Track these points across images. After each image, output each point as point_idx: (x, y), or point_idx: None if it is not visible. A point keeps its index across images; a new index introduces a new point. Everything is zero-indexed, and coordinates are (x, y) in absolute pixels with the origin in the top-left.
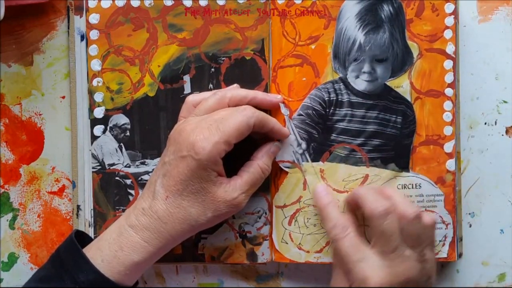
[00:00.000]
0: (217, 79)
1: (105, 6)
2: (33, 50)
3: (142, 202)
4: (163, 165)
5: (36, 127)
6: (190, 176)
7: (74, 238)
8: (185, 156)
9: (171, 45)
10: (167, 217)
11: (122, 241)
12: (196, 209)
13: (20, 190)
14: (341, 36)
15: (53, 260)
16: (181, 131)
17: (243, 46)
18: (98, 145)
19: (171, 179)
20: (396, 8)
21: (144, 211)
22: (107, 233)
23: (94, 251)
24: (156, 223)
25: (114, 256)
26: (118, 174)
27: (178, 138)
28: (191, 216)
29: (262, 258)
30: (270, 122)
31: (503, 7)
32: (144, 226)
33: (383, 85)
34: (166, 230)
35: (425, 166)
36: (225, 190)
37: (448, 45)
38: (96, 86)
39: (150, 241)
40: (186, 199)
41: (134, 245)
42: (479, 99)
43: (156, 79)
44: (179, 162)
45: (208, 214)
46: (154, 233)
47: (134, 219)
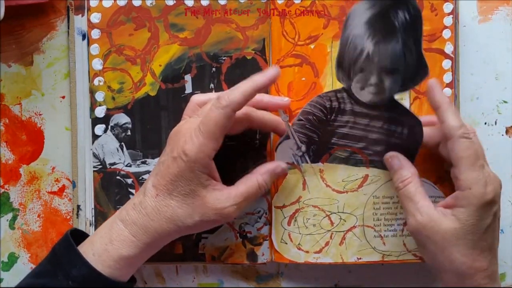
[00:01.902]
0: (218, 79)
1: (107, 5)
2: (33, 50)
3: (135, 198)
4: (159, 163)
5: (36, 127)
6: (179, 177)
7: (69, 235)
8: (176, 157)
9: (172, 44)
10: (155, 214)
11: (112, 235)
12: (184, 210)
13: (20, 190)
14: (347, 45)
15: (49, 257)
16: (177, 132)
17: (244, 45)
18: (99, 144)
19: (162, 178)
20: (413, 15)
21: (135, 206)
22: (101, 228)
23: (87, 245)
24: (144, 219)
25: (105, 250)
26: (119, 174)
27: (174, 138)
28: (178, 216)
29: (262, 258)
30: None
31: (503, 7)
32: (133, 220)
33: (391, 97)
34: (153, 227)
35: (424, 166)
36: (217, 198)
37: (447, 44)
38: (98, 85)
39: (137, 236)
40: (175, 199)
41: (123, 239)
42: (479, 99)
43: (157, 78)
44: (171, 163)
45: (195, 218)
46: (141, 228)
47: (125, 213)
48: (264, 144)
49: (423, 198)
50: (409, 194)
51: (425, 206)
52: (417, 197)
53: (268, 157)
